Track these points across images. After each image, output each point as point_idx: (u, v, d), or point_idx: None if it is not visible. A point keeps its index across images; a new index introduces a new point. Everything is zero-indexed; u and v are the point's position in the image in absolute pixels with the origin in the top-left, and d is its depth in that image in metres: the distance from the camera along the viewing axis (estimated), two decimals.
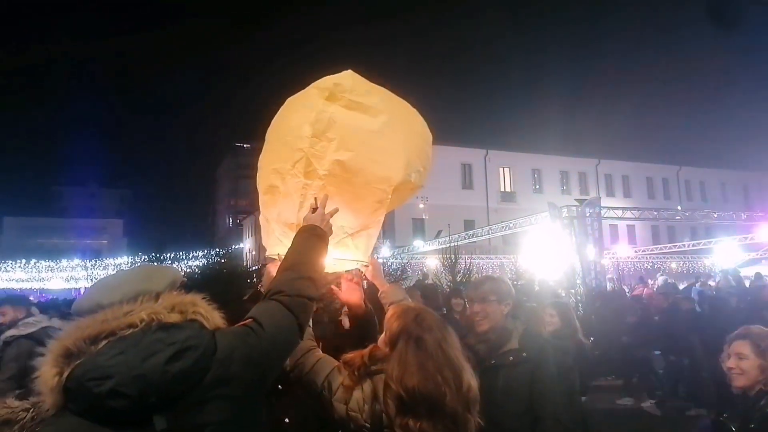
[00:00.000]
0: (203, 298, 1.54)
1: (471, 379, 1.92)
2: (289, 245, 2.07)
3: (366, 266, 2.55)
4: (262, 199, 2.39)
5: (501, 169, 40.03)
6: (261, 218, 2.47)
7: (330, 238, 2.16)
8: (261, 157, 2.45)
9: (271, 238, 2.39)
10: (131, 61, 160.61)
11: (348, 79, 2.34)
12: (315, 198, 2.19)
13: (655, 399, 8.35)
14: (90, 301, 1.44)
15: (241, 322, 1.60)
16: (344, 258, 2.38)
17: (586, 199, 16.68)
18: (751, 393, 2.54)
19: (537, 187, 40.65)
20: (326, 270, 2.22)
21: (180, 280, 1.56)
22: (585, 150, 41.69)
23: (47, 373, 1.32)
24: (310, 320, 2.02)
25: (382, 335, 2.08)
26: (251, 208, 64.26)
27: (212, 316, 1.51)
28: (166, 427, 1.30)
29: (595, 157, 41.94)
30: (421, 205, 33.91)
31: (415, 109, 2.56)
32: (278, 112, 2.47)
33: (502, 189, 39.88)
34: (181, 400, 1.34)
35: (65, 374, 1.30)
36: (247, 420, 1.47)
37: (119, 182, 79.41)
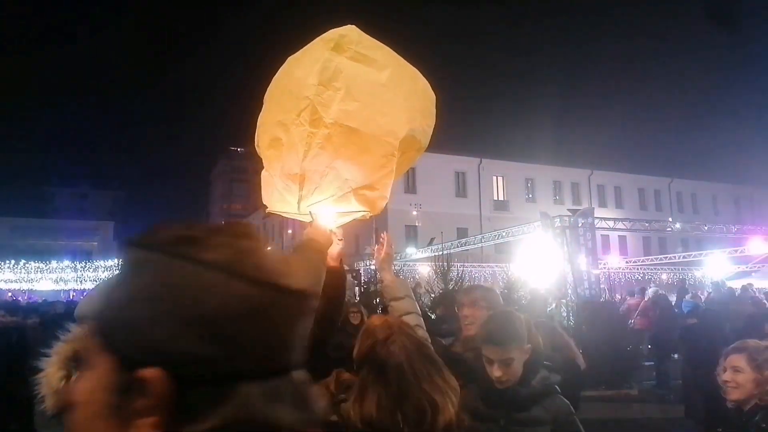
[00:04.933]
0: None
1: (440, 414, 1.68)
2: (291, 201, 2.12)
3: (370, 217, 2.38)
4: (265, 155, 2.33)
5: (495, 178, 40.17)
6: (264, 174, 2.39)
7: (334, 192, 2.16)
8: (261, 115, 2.41)
9: (273, 195, 2.33)
10: (124, 61, 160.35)
11: (354, 32, 2.32)
12: (311, 212, 2.16)
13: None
14: (94, 306, 1.41)
15: None
16: (350, 210, 2.30)
17: (578, 210, 16.76)
18: (745, 407, 2.53)
19: (530, 196, 40.80)
20: (330, 223, 2.21)
21: None
22: (578, 160, 41.94)
23: (53, 374, 1.32)
24: None
25: (356, 349, 1.98)
26: (245, 212, 64.15)
27: None
28: None
29: (587, 168, 42.17)
30: (415, 212, 33.94)
31: (417, 70, 2.52)
32: (279, 71, 2.41)
33: (496, 198, 40.00)
34: None
35: (72, 378, 1.30)
36: None
37: (111, 184, 78.76)
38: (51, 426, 1.31)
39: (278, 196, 2.30)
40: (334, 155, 2.16)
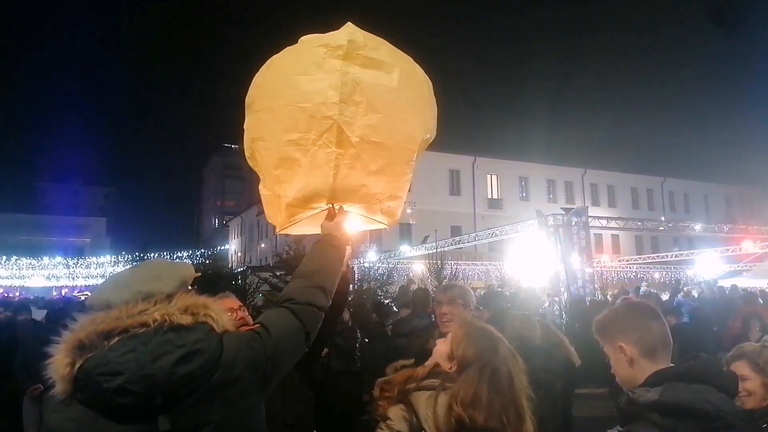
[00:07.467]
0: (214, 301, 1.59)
1: (523, 424, 1.79)
2: (314, 215, 2.15)
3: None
4: (273, 174, 2.17)
5: (489, 176, 40.24)
6: (266, 194, 2.27)
7: (362, 204, 2.17)
8: (252, 125, 2.24)
9: (282, 214, 2.23)
10: (118, 57, 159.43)
11: (357, 34, 2.15)
12: (333, 204, 2.14)
13: None
14: (100, 298, 1.50)
15: (250, 327, 1.68)
16: (373, 219, 2.30)
17: (572, 208, 16.79)
18: (756, 409, 2.52)
19: (524, 194, 40.90)
20: (351, 225, 2.21)
21: (192, 277, 1.60)
22: (572, 159, 42.01)
23: (60, 361, 1.38)
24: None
25: (443, 349, 1.98)
26: (238, 209, 63.88)
27: (221, 319, 1.56)
28: (169, 428, 1.35)
29: (581, 167, 42.30)
30: (409, 210, 33.91)
31: (409, 57, 2.39)
32: (264, 72, 2.26)
33: (490, 196, 40.08)
34: (185, 400, 1.39)
35: (77, 365, 1.37)
36: (247, 420, 1.53)
37: (104, 180, 78.06)
38: (59, 410, 1.38)
39: (291, 212, 2.21)
40: (364, 173, 2.11)
